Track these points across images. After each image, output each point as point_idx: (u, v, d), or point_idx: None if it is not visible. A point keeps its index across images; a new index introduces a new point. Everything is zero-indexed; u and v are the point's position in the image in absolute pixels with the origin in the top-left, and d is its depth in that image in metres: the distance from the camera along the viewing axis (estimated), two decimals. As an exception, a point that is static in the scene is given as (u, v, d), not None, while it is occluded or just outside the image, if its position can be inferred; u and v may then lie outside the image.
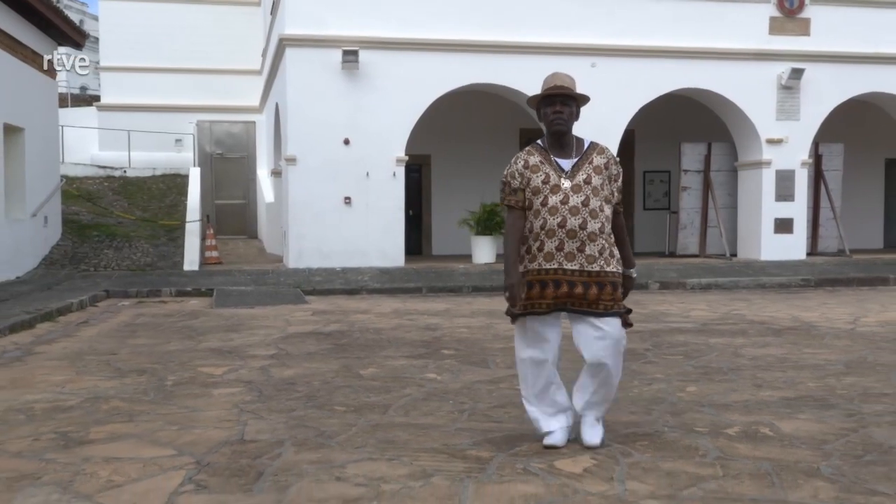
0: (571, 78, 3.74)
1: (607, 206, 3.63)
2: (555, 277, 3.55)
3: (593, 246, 3.55)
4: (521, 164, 3.71)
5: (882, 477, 3.20)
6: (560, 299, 3.57)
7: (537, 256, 3.60)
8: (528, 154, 3.75)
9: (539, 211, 3.60)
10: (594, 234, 3.56)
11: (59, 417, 4.44)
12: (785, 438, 3.75)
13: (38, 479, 3.34)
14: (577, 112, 3.74)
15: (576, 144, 3.72)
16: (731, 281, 13.15)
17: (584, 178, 3.61)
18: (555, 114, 3.66)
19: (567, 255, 3.55)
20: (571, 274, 3.54)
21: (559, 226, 3.55)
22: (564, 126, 3.68)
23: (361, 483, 3.21)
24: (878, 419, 4.09)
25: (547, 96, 3.68)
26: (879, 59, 15.74)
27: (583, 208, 3.56)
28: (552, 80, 3.72)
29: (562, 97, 3.66)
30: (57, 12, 13.55)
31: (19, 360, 6.48)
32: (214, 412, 4.50)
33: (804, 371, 5.39)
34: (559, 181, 3.61)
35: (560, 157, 3.69)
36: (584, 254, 3.55)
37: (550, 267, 3.56)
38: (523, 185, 3.66)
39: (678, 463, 3.40)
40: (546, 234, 3.57)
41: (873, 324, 7.73)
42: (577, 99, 3.71)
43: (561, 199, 3.57)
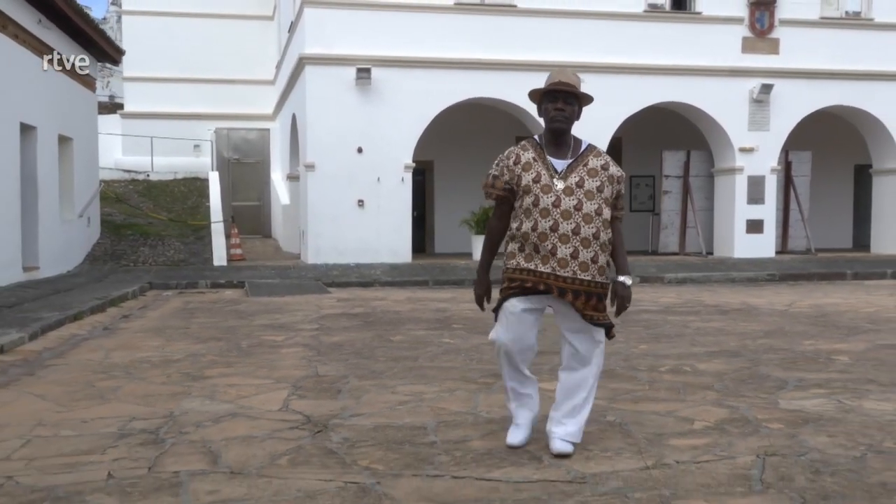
0: (578, 76, 3.58)
1: (606, 210, 3.48)
2: (546, 281, 3.45)
3: (586, 252, 3.41)
4: (511, 160, 3.57)
5: (753, 389, 4.83)
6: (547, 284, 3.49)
7: (532, 257, 3.49)
8: (521, 149, 3.60)
9: (530, 211, 3.46)
10: (587, 239, 3.41)
11: (175, 365, 6.04)
12: (698, 372, 5.39)
13: (188, 395, 4.95)
14: (579, 112, 3.57)
15: (573, 145, 3.57)
16: (703, 275, 14.69)
17: (577, 180, 3.46)
18: (556, 110, 3.50)
19: (560, 262, 3.42)
20: (563, 281, 3.42)
21: (551, 229, 3.41)
22: (565, 124, 3.51)
23: (408, 395, 4.83)
24: (769, 362, 5.73)
25: (550, 91, 3.52)
26: (842, 75, 17.37)
27: (575, 212, 3.41)
28: (558, 76, 3.54)
29: (566, 94, 3.49)
30: (101, 33, 15.14)
31: (112, 333, 8.05)
32: (289, 361, 6.11)
33: (731, 336, 7.03)
34: (551, 181, 3.46)
35: (555, 156, 3.53)
36: (578, 260, 3.41)
37: (544, 270, 3.45)
38: (511, 182, 3.55)
39: (621, 384, 5.02)
40: (538, 237, 3.44)
41: (805, 307, 9.36)
42: (581, 98, 3.54)
43: (553, 202, 3.43)
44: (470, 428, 4.07)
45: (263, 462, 3.54)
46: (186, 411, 4.51)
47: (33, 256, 12.42)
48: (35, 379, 5.59)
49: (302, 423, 4.19)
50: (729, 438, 3.79)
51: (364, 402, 4.68)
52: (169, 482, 3.30)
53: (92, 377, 5.60)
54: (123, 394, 5.04)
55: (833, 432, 3.87)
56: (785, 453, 3.54)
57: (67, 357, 6.52)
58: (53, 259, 13.35)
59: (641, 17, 16.74)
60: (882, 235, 18.46)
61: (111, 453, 3.72)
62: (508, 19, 16.15)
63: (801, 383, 5.01)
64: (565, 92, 3.49)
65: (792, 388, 4.87)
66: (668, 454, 3.55)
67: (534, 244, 3.47)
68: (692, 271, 15.09)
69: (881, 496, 3.01)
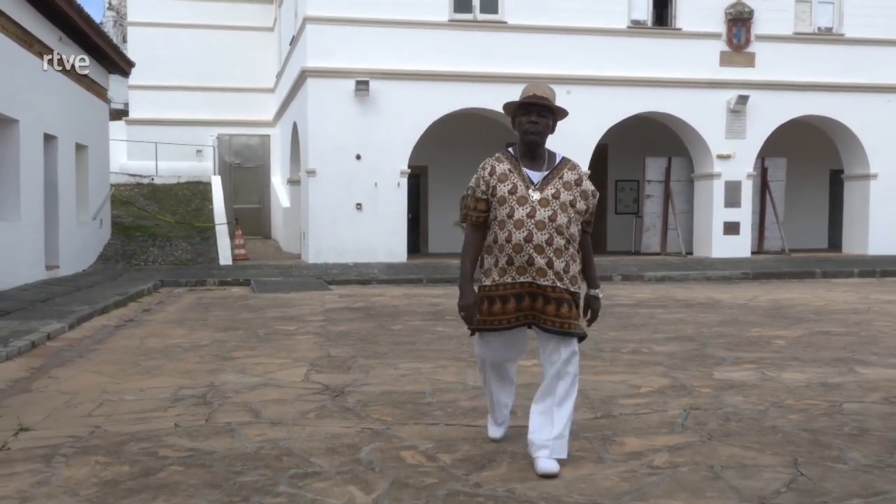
0: (552, 90, 3.61)
1: (575, 223, 3.53)
2: (527, 291, 3.48)
3: (559, 263, 3.45)
4: (487, 171, 3.61)
5: (695, 365, 5.80)
6: (524, 312, 3.51)
7: (506, 270, 3.50)
8: (496, 161, 3.63)
9: (504, 222, 3.49)
10: (560, 250, 3.45)
11: (205, 349, 6.96)
12: (653, 353, 6.35)
13: (222, 371, 5.88)
14: (554, 125, 3.61)
15: (548, 157, 3.59)
16: (682, 274, 15.64)
17: (553, 192, 3.49)
18: (531, 123, 3.51)
19: (538, 271, 3.44)
20: (543, 290, 3.45)
21: (525, 240, 3.44)
22: (539, 137, 3.53)
23: (408, 370, 5.78)
24: (716, 345, 6.70)
25: (524, 104, 3.54)
26: (814, 87, 18.36)
27: (550, 223, 3.44)
28: (532, 89, 3.57)
29: (539, 107, 3.52)
30: (115, 49, 16.04)
31: (139, 324, 8.96)
32: (303, 345, 7.04)
33: (690, 325, 8.00)
34: (527, 193, 3.48)
35: (530, 168, 3.55)
36: (553, 269, 3.44)
37: (524, 280, 3.47)
38: (488, 193, 3.57)
39: (586, 361, 5.93)
40: (513, 249, 3.46)
41: (764, 301, 10.34)
42: (555, 111, 3.58)
43: (528, 213, 3.46)
44: (459, 393, 5.01)
45: (296, 416, 4.48)
46: (224, 382, 5.44)
47: (54, 256, 13.31)
48: (86, 360, 6.51)
49: (322, 390, 5.13)
50: (665, 399, 4.74)
51: (371, 375, 5.62)
52: (224, 429, 4.24)
53: (135, 358, 6.52)
54: (167, 370, 5.96)
55: (749, 394, 4.84)
56: (706, 408, 4.50)
57: (107, 343, 7.44)
58: (71, 259, 14.25)
59: (625, 32, 17.72)
60: (853, 237, 19.48)
61: (171, 411, 4.66)
62: (499, 35, 17.11)
63: (737, 360, 5.98)
64: (539, 105, 3.52)
65: (728, 364, 5.83)
66: (615, 409, 4.51)
67: (508, 255, 3.49)
68: (671, 270, 16.04)
69: (769, 433, 3.97)
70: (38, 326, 7.84)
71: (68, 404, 4.86)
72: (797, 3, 18.46)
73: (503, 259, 3.51)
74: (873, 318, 8.42)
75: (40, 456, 3.77)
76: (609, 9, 17.57)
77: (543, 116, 3.54)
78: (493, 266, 3.56)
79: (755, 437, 3.90)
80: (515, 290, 3.50)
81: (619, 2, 17.64)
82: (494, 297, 3.53)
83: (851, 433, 3.96)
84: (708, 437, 3.91)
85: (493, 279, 3.55)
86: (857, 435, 3.93)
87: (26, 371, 6.00)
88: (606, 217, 21.56)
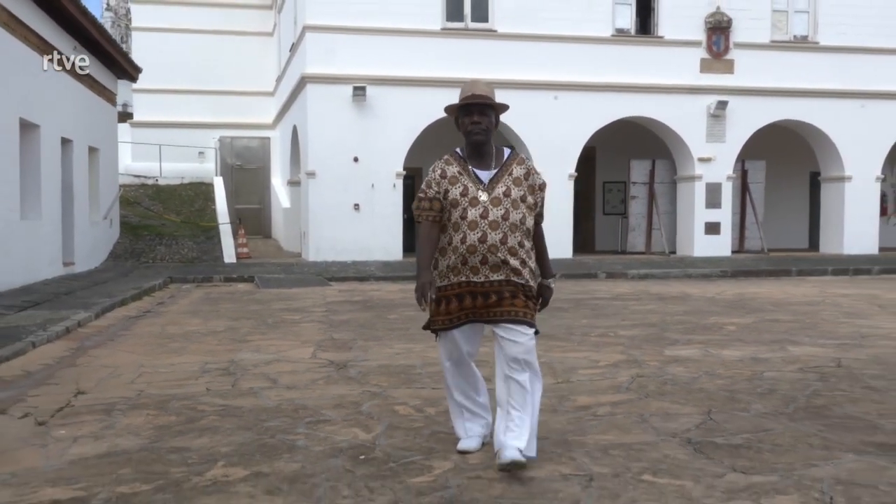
0: (490, 86, 3.63)
1: (529, 217, 3.57)
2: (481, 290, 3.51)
3: (514, 260, 3.48)
4: (438, 174, 3.62)
5: (651, 345, 6.67)
6: (478, 309, 3.52)
7: (460, 270, 3.53)
8: (445, 164, 3.64)
9: (458, 224, 3.50)
10: (514, 248, 3.49)
11: (221, 334, 7.82)
12: (617, 336, 7.23)
13: (240, 350, 6.74)
14: (497, 120, 3.62)
15: (496, 155, 3.61)
16: (663, 272, 16.47)
17: (504, 190, 3.52)
18: (472, 124, 3.53)
19: (492, 268, 3.48)
20: (498, 284, 3.49)
21: (480, 241, 3.47)
22: (483, 136, 3.55)
23: (402, 349, 6.65)
24: (674, 330, 7.58)
25: (464, 106, 3.56)
26: (790, 92, 19.26)
27: (503, 222, 3.48)
28: (470, 89, 3.59)
29: (479, 106, 3.53)
30: (125, 56, 16.88)
31: (156, 315, 9.81)
32: (309, 331, 7.90)
33: (657, 314, 8.88)
34: (477, 193, 3.50)
35: (479, 167, 3.57)
36: (509, 266, 3.48)
37: (476, 280, 3.50)
38: (440, 195, 3.57)
39: (557, 342, 6.84)
40: (467, 250, 3.48)
41: (730, 295, 11.22)
42: (496, 108, 3.59)
43: (480, 213, 3.49)
44: (445, 366, 5.87)
45: (307, 383, 5.34)
46: (243, 359, 6.30)
47: (70, 253, 14.15)
48: (117, 343, 7.36)
49: (328, 364, 5.99)
50: (618, 370, 5.62)
51: (370, 353, 6.49)
52: (248, 392, 5.10)
53: (160, 341, 7.38)
54: (191, 350, 6.82)
55: (689, 366, 5.72)
56: (649, 376, 5.38)
57: (132, 329, 8.30)
58: (85, 256, 15.09)
59: (610, 40, 18.60)
60: (829, 236, 20.39)
61: (202, 380, 5.52)
62: (490, 43, 17.98)
63: (688, 341, 6.87)
64: (479, 104, 3.54)
65: (679, 344, 6.72)
66: (574, 377, 5.38)
67: (462, 256, 3.50)
68: (654, 268, 16.88)
69: (695, 393, 4.85)
70: (68, 315, 8.68)
71: (112, 375, 5.72)
72: (774, 12, 19.36)
73: (458, 260, 3.52)
74: (822, 309, 9.30)
75: (101, 410, 4.64)
76: (594, 18, 18.44)
77: (485, 115, 3.55)
78: (447, 267, 3.57)
79: (682, 396, 4.78)
80: (469, 288, 3.52)
81: (603, 11, 18.52)
82: (451, 296, 3.57)
83: (762, 392, 4.84)
84: (644, 396, 4.79)
85: (448, 279, 3.57)
86: (766, 394, 4.81)
87: (67, 351, 6.85)
88: (594, 217, 22.48)
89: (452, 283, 3.55)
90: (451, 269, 3.55)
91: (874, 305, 9.59)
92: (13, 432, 4.20)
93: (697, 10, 18.81)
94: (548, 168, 18.19)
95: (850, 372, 5.42)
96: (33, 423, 4.38)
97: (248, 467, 3.52)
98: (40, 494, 3.22)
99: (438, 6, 17.80)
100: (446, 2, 17.93)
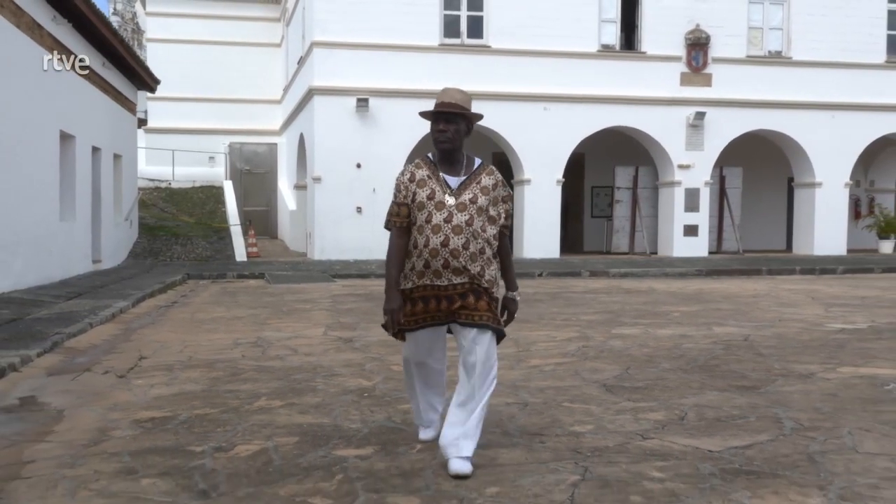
0: (463, 93, 3.67)
1: (491, 227, 3.63)
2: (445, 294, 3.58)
3: (474, 266, 3.55)
4: (407, 177, 3.67)
5: (603, 326, 8.05)
6: (443, 312, 3.60)
7: (424, 273, 3.59)
8: (416, 167, 3.69)
9: (423, 227, 3.57)
10: (476, 254, 3.55)
11: (244, 319, 9.19)
12: (579, 320, 8.61)
13: (263, 330, 8.12)
14: (468, 129, 3.67)
15: (466, 162, 3.69)
16: (643, 270, 17.76)
17: (471, 197, 3.59)
18: (439, 132, 3.60)
19: (454, 272, 3.54)
20: (461, 287, 3.56)
21: (442, 244, 3.53)
22: (449, 144, 3.61)
23: (397, 329, 8.02)
24: (627, 316, 8.96)
25: (434, 113, 3.62)
26: (765, 104, 20.65)
27: (466, 227, 3.54)
28: (441, 97, 3.63)
29: (447, 115, 3.58)
30: (146, 70, 18.28)
31: (182, 305, 11.18)
32: (319, 317, 9.28)
33: (618, 304, 10.26)
34: (444, 198, 3.57)
35: (448, 173, 3.64)
36: (469, 272, 3.54)
37: (439, 283, 3.57)
38: (408, 199, 3.63)
39: (526, 324, 8.21)
40: (430, 253, 3.55)
41: (691, 290, 12.59)
42: (468, 116, 3.63)
43: (445, 217, 3.55)
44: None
45: (321, 351, 6.73)
46: (267, 336, 7.69)
47: (98, 252, 15.54)
48: (158, 325, 8.75)
49: (336, 340, 7.38)
50: (569, 342, 7.00)
51: (371, 332, 7.87)
52: (276, 357, 6.49)
53: (194, 324, 8.76)
54: (222, 330, 8.20)
55: (626, 340, 7.10)
56: (592, 347, 6.76)
57: (167, 315, 9.68)
58: (110, 255, 16.48)
59: (596, 55, 19.99)
60: (801, 238, 21.77)
61: (236, 350, 6.90)
62: (484, 58, 19.39)
63: (635, 324, 8.25)
64: (447, 113, 3.58)
65: (626, 326, 8.10)
66: (532, 347, 6.77)
67: (426, 259, 3.57)
68: (634, 267, 18.17)
69: (623, 357, 6.24)
70: (110, 303, 10.06)
71: (163, 347, 7.10)
72: (750, 29, 20.75)
73: (420, 263, 3.59)
74: (762, 301, 10.68)
75: (164, 368, 6.03)
76: (581, 34, 19.82)
77: (452, 123, 3.60)
78: (412, 270, 3.64)
79: (613, 359, 6.16)
80: (433, 292, 3.60)
81: (590, 28, 19.90)
82: (416, 298, 3.65)
83: (673, 357, 6.23)
84: (583, 359, 6.18)
85: (413, 282, 3.65)
86: (676, 358, 6.19)
87: (118, 331, 8.24)
88: (583, 220, 23.87)
89: (418, 285, 3.63)
90: (417, 272, 3.62)
91: (809, 298, 10.96)
92: (102, 382, 5.59)
93: (678, 28, 20.18)
94: (537, 174, 19.69)
95: (751, 344, 6.81)
96: (114, 377, 5.77)
97: (283, 400, 4.91)
98: (140, 415, 4.60)
99: (436, 24, 19.21)
100: (444, 19, 19.34)
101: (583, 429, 4.14)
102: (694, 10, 20.14)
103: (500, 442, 3.90)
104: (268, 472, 3.51)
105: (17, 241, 10.80)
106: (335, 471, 3.52)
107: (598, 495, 3.16)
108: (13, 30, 10.64)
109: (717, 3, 20.23)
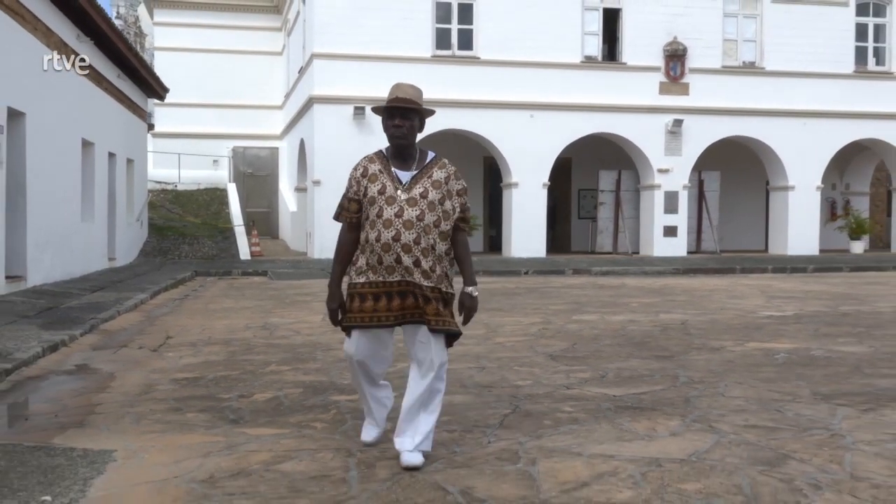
0: (416, 89, 3.65)
1: (445, 222, 3.61)
2: (397, 290, 3.58)
3: (426, 262, 3.55)
4: (360, 172, 3.68)
5: (566, 314, 9.24)
6: (394, 312, 3.59)
7: (377, 269, 3.59)
8: (368, 161, 3.70)
9: (374, 222, 3.57)
10: (427, 249, 3.55)
11: (251, 309, 10.37)
12: (547, 309, 9.79)
13: (270, 317, 9.30)
14: (421, 124, 3.68)
15: (418, 157, 3.69)
16: (623, 268, 18.87)
17: (421, 191, 3.59)
18: (394, 127, 3.60)
19: (406, 270, 3.53)
20: (413, 288, 3.56)
21: (394, 239, 3.53)
22: (404, 139, 3.62)
23: (387, 316, 9.22)
24: (591, 306, 10.15)
25: (388, 108, 3.61)
26: (739, 112, 21.85)
27: (417, 222, 3.54)
28: (394, 92, 3.62)
29: (401, 110, 3.58)
30: (157, 81, 19.48)
31: (194, 298, 12.35)
32: (318, 308, 10.42)
33: (587, 297, 11.44)
34: (395, 193, 3.57)
35: (400, 168, 3.64)
36: (420, 268, 3.54)
37: (393, 279, 3.57)
38: (359, 194, 3.64)
39: (498, 311, 9.38)
40: (382, 248, 3.55)
41: (658, 285, 13.77)
42: (420, 111, 3.63)
43: (396, 212, 3.55)
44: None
45: (321, 333, 7.91)
46: (273, 321, 8.88)
47: (113, 251, 16.73)
48: (176, 314, 9.93)
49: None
50: (533, 326, 8.19)
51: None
52: (282, 336, 7.67)
53: (208, 313, 9.94)
54: (233, 317, 9.39)
55: (582, 324, 8.29)
56: (551, 329, 7.94)
57: (182, 306, 10.87)
58: (123, 253, 17.67)
59: (579, 66, 21.19)
60: (776, 239, 22.98)
61: (247, 332, 8.09)
62: (474, 68, 20.59)
63: (596, 311, 9.44)
64: (401, 108, 3.58)
65: (586, 313, 9.29)
66: (500, 329, 7.95)
67: (378, 254, 3.57)
68: (616, 265, 19.27)
69: (573, 336, 7.42)
70: (130, 296, 11.25)
71: (184, 330, 8.29)
72: (725, 41, 21.96)
73: (373, 258, 3.60)
74: (715, 294, 11.87)
75: (188, 344, 7.22)
76: (565, 46, 21.01)
77: (407, 118, 3.60)
78: (364, 265, 3.65)
79: (564, 338, 7.35)
80: (385, 288, 3.59)
81: (573, 40, 21.10)
82: (367, 294, 3.63)
83: (616, 336, 7.42)
84: (540, 338, 7.37)
85: (366, 277, 3.64)
86: (617, 336, 7.39)
87: (142, 318, 9.43)
88: (570, 221, 25.07)
89: (371, 280, 3.62)
90: (370, 266, 3.63)
91: (759, 292, 12.15)
92: (139, 354, 6.78)
93: (657, 40, 21.38)
94: (524, 177, 20.87)
95: (685, 327, 8.00)
96: (148, 350, 6.96)
97: (290, 366, 6.11)
98: (176, 375, 5.78)
99: (429, 36, 20.41)
100: (436, 32, 20.54)
101: (523, 383, 5.33)
102: (672, 23, 21.34)
103: (457, 391, 5.08)
104: (280, 410, 4.70)
105: (47, 240, 11.99)
106: (330, 408, 4.72)
107: (520, 420, 4.35)
108: (45, 49, 11.83)
109: (693, 17, 21.43)
